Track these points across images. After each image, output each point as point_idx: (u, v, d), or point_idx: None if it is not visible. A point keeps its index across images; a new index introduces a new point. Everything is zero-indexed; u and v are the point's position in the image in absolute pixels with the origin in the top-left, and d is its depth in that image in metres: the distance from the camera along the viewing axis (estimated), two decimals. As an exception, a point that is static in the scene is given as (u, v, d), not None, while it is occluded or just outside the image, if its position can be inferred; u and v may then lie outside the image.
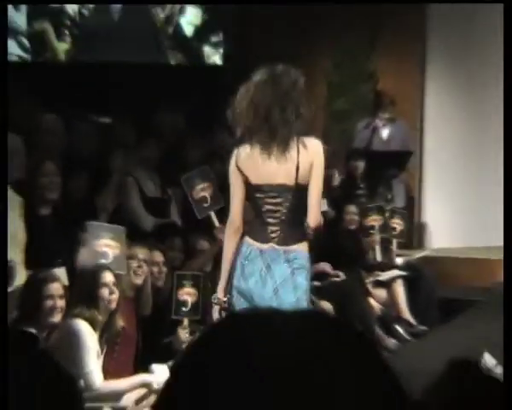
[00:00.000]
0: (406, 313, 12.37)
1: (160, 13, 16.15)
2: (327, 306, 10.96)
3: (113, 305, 8.80)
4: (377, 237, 12.79)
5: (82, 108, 13.13)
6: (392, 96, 14.48)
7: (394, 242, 13.14)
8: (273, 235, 7.59)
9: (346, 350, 1.49)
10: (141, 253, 9.83)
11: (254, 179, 7.58)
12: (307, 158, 7.46)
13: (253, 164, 7.54)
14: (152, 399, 8.38)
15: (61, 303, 8.47)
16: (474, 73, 15.18)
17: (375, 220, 12.82)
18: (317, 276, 11.34)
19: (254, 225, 7.78)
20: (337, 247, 12.36)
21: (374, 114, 14.44)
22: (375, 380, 1.47)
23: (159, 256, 10.18)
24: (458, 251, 14.47)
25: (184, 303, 9.82)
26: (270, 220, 7.60)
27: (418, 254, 14.00)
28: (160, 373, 8.80)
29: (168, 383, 1.53)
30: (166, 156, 11.36)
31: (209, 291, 10.05)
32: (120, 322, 8.98)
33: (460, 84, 14.73)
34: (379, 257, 12.85)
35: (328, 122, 15.30)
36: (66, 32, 16.17)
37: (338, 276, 11.45)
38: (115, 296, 8.82)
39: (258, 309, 1.66)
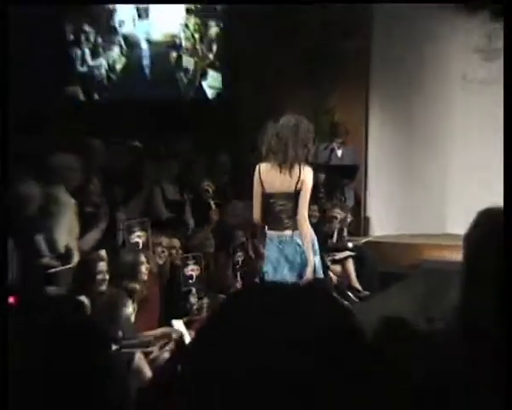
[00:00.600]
0: (355, 283, 12.44)
1: (184, 78, 15.96)
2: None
3: (145, 278, 8.92)
4: (336, 226, 12.90)
5: (120, 135, 13.05)
6: (345, 126, 14.40)
7: (345, 230, 13.24)
8: (284, 224, 8.44)
9: (322, 306, 1.45)
10: (163, 241, 9.92)
11: (268, 188, 8.36)
12: (303, 177, 8.21)
13: (269, 176, 8.29)
14: (171, 345, 8.29)
15: (106, 277, 8.52)
16: (407, 108, 15.10)
17: (338, 213, 12.92)
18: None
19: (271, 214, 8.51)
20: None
21: (331, 139, 14.29)
22: (341, 323, 1.45)
23: (176, 242, 10.16)
24: (393, 237, 14.40)
25: (191, 277, 9.88)
26: (277, 214, 8.42)
27: (363, 240, 14.04)
28: (177, 327, 8.74)
29: (196, 338, 1.50)
30: (182, 172, 11.34)
31: (213, 266, 10.27)
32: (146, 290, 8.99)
33: (396, 119, 14.61)
34: (335, 241, 12.93)
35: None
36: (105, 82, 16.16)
37: None
38: (146, 272, 8.97)
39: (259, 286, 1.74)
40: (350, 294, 12.15)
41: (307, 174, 8.34)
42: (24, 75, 14.99)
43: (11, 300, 6.91)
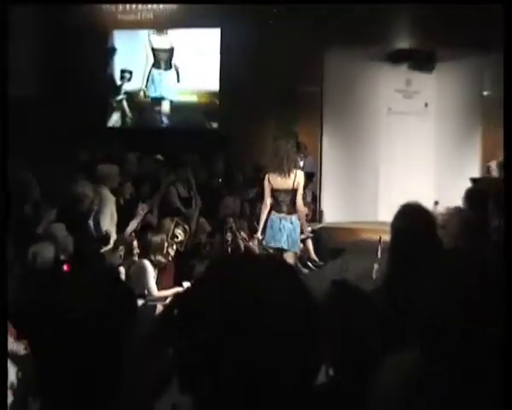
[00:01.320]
0: (313, 256, 12.37)
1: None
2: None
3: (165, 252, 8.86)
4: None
5: (147, 151, 13.04)
6: (305, 145, 14.30)
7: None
8: (283, 210, 8.90)
9: (283, 275, 1.36)
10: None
11: (275, 186, 8.88)
12: (297, 178, 8.81)
13: (274, 179, 8.87)
14: None
15: (137, 251, 8.51)
16: (349, 131, 15.13)
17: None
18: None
19: (277, 204, 8.96)
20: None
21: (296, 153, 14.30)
22: (300, 291, 1.36)
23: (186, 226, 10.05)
24: (339, 224, 14.27)
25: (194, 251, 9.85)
26: (281, 205, 8.92)
27: (319, 226, 13.86)
28: (186, 286, 8.30)
29: (190, 289, 1.42)
30: (190, 177, 11.26)
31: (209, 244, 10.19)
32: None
33: (341, 139, 14.59)
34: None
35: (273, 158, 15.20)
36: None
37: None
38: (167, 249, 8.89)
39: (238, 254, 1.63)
40: (309, 264, 12.14)
41: (300, 177, 8.90)
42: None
43: (65, 268, 6.95)
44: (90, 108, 15.51)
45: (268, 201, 9.07)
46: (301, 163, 13.78)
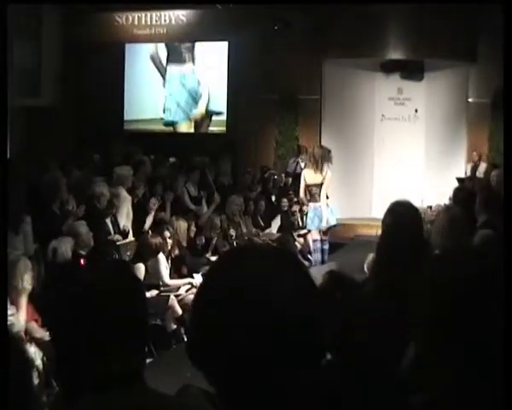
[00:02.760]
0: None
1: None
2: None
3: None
4: (298, 215, 12.84)
5: (162, 154, 13.04)
6: (306, 148, 13.85)
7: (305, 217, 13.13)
8: (316, 197, 10.45)
9: (289, 265, 1.34)
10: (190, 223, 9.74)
11: (308, 181, 10.49)
12: (326, 174, 10.42)
13: (308, 175, 10.53)
14: (194, 290, 8.05)
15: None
16: (346, 135, 15.09)
17: (300, 207, 12.90)
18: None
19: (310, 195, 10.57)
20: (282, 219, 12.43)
21: (297, 156, 14.27)
22: (304, 279, 1.33)
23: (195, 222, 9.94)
24: (338, 220, 14.32)
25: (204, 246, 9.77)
26: (314, 196, 10.50)
27: None
28: (197, 277, 8.47)
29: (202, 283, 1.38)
30: (200, 178, 11.28)
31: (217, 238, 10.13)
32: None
33: (339, 143, 14.42)
34: (299, 223, 12.89)
35: (276, 159, 15.21)
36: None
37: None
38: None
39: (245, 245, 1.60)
40: (309, 256, 12.11)
41: (328, 174, 10.46)
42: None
43: (81, 262, 6.96)
44: (109, 114, 15.61)
45: (302, 192, 10.76)
46: (302, 165, 13.79)
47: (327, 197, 10.87)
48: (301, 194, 10.82)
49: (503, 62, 4.68)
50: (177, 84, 16.21)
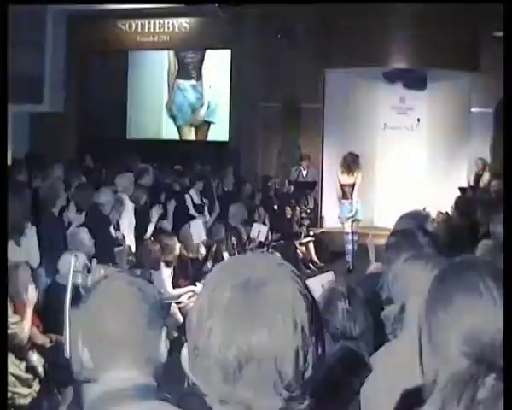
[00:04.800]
0: (314, 258, 12.45)
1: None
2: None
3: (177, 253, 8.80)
4: (305, 222, 12.93)
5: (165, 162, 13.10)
6: (308, 154, 14.32)
7: (306, 222, 13.19)
8: (349, 195, 12.15)
9: (288, 274, 1.33)
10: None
11: (342, 182, 12.21)
12: (357, 176, 12.15)
13: (342, 177, 12.16)
14: (195, 298, 7.65)
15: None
16: (348, 144, 15.09)
17: (303, 217, 12.99)
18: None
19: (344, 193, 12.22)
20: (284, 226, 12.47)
21: (299, 164, 14.29)
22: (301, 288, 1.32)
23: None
24: (338, 228, 14.27)
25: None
26: (347, 194, 12.22)
27: (320, 230, 13.84)
28: (199, 286, 8.06)
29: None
30: (205, 186, 11.25)
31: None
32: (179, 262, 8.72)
33: (342, 151, 14.44)
34: (300, 230, 12.93)
35: (279, 168, 15.21)
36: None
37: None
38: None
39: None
40: (311, 265, 12.18)
41: (360, 175, 12.17)
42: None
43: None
44: (112, 122, 15.66)
45: (336, 191, 12.33)
46: (304, 173, 13.84)
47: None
48: (337, 192, 12.42)
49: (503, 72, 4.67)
50: (180, 91, 16.30)
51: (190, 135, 16.47)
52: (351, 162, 12.16)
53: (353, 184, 12.17)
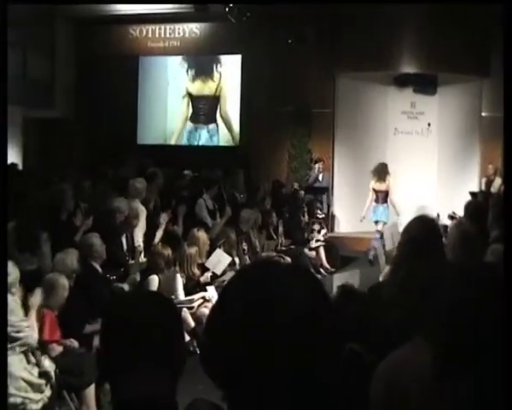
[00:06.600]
0: (325, 263, 12.38)
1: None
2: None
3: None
4: (316, 227, 12.93)
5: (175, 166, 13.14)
6: (323, 159, 14.47)
7: (317, 227, 13.17)
8: (381, 200, 12.66)
9: (300, 279, 1.36)
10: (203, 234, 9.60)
11: (376, 188, 12.71)
12: (388, 183, 12.71)
13: (375, 184, 12.68)
14: (206, 303, 8.18)
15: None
16: (359, 149, 15.13)
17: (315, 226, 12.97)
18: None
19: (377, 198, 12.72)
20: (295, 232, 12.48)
21: (310, 168, 14.33)
22: (317, 293, 1.36)
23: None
24: (349, 233, 14.30)
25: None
26: (379, 199, 12.72)
27: (330, 234, 13.97)
28: (210, 291, 8.38)
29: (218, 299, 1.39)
30: (217, 192, 11.22)
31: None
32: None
33: (352, 157, 14.59)
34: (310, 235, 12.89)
35: (290, 172, 15.23)
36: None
37: None
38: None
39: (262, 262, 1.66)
40: (321, 270, 12.12)
41: (391, 181, 12.76)
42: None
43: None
44: (122, 127, 15.69)
45: (370, 197, 12.76)
46: (320, 176, 13.99)
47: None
48: (370, 197, 12.87)
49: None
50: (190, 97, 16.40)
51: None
52: (381, 171, 12.78)
53: (386, 191, 12.82)
